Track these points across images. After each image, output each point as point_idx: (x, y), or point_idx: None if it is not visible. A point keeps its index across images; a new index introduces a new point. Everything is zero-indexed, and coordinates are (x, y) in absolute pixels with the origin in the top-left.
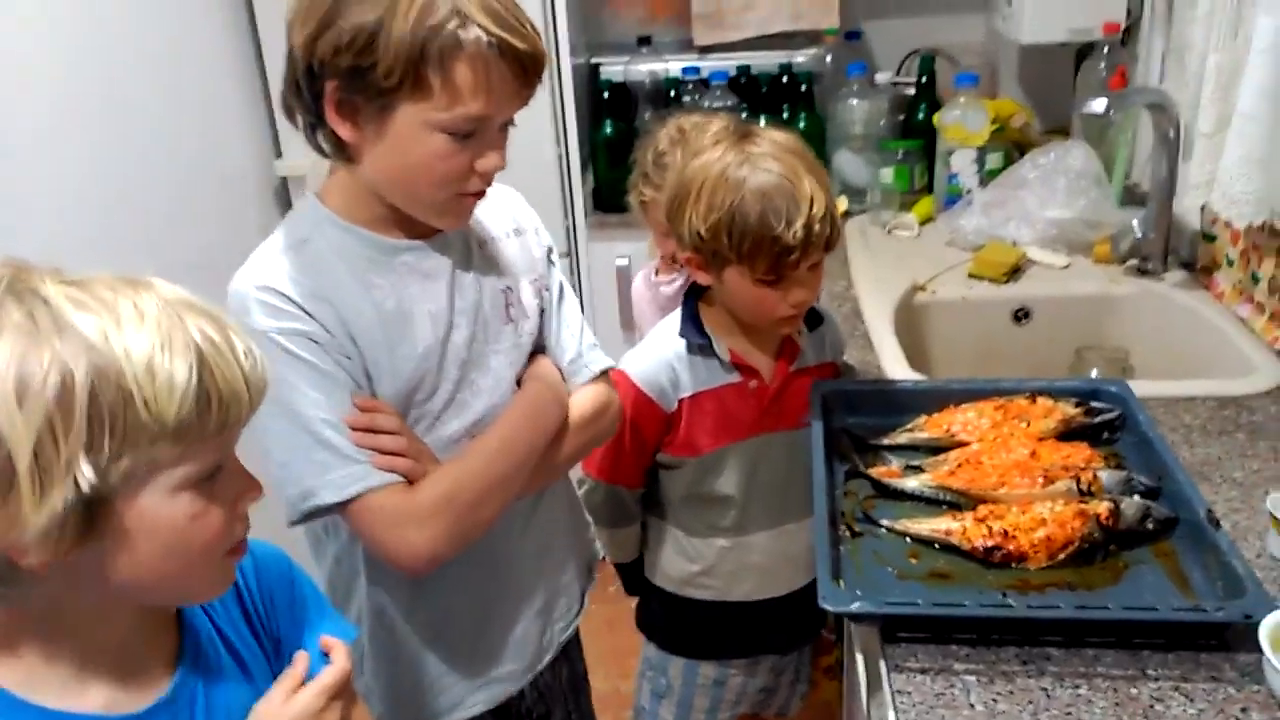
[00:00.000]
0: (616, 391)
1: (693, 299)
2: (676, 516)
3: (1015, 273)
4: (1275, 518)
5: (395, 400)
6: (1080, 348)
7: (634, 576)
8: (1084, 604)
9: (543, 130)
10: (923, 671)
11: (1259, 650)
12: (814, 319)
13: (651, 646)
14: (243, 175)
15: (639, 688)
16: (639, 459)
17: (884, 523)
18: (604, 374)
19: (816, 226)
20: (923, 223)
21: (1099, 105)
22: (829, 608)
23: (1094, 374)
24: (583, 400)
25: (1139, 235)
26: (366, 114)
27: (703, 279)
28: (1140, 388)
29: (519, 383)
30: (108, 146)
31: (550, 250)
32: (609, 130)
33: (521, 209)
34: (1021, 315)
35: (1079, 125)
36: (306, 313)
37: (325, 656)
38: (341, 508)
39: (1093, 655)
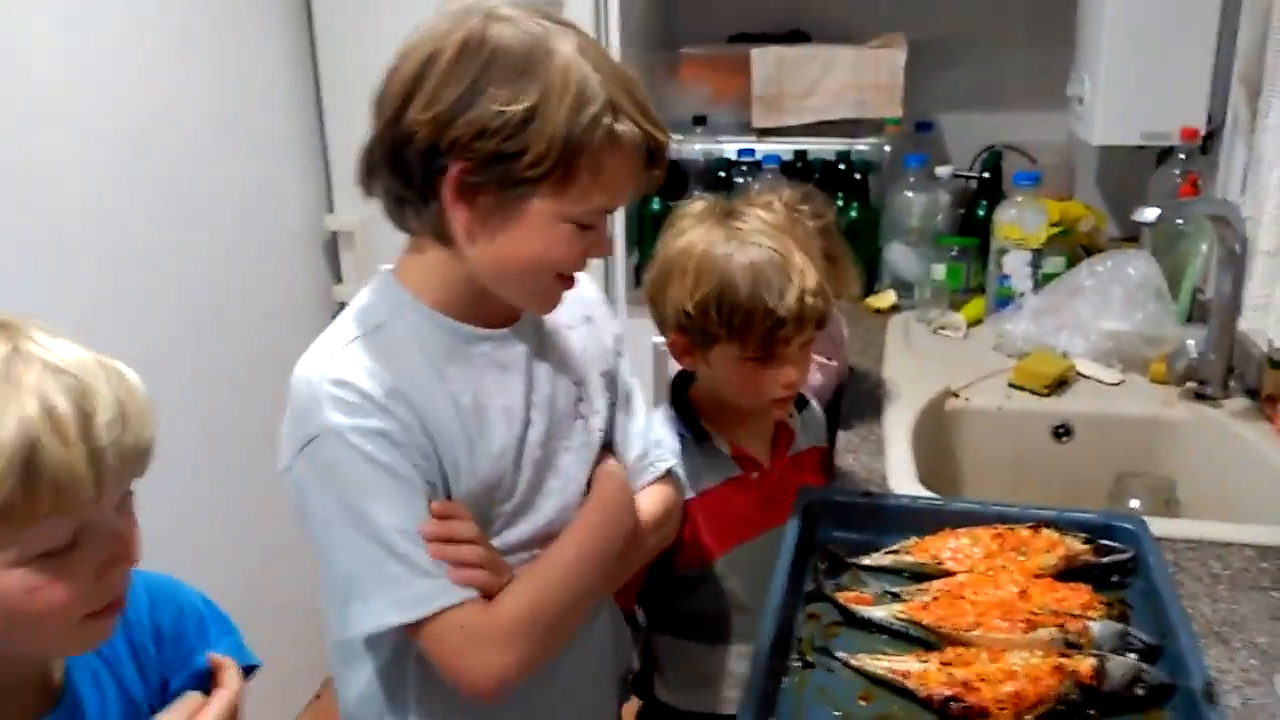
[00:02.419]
0: (680, 491)
1: (681, 391)
2: (681, 626)
3: (1060, 386)
4: None
5: (470, 505)
6: (1122, 473)
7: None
8: None
9: None
10: None
11: None
12: (799, 401)
13: None
14: (291, 225)
15: None
16: (637, 577)
17: (839, 655)
18: (669, 472)
19: (809, 300)
20: (971, 324)
21: (1150, 214)
22: None
23: (1134, 504)
24: (650, 502)
25: (1194, 355)
26: (491, 200)
27: (687, 363)
28: (1170, 526)
29: (588, 484)
30: (152, 180)
31: (619, 339)
32: (656, 207)
33: (591, 293)
34: (1062, 432)
35: (1149, 235)
36: (386, 410)
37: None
38: (412, 626)
39: None
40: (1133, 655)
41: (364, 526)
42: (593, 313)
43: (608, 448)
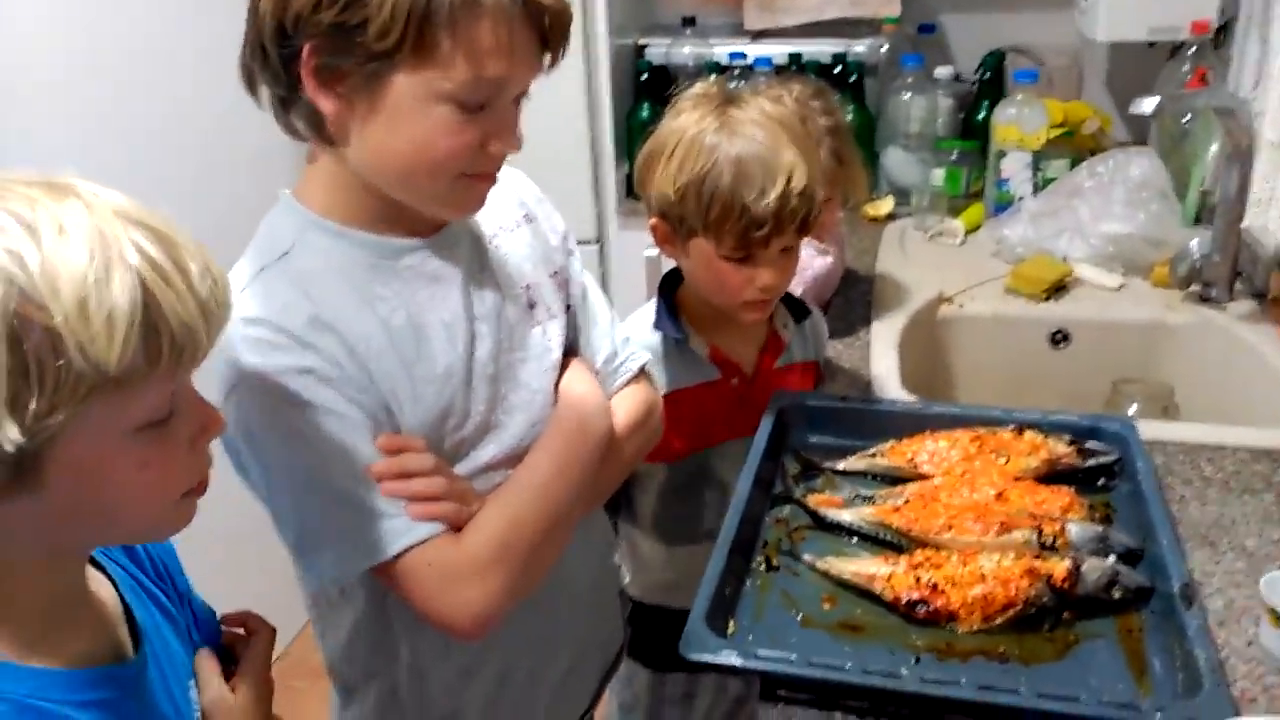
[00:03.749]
0: (656, 388)
1: (669, 289)
2: (649, 524)
3: (1059, 291)
4: (1269, 607)
5: (423, 433)
6: (1119, 380)
7: None
8: (1002, 682)
9: (574, 110)
10: None
11: None
12: (800, 311)
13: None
14: (268, 147)
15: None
16: None
17: (805, 558)
18: (642, 371)
19: (793, 202)
20: (970, 230)
21: (1149, 104)
22: (688, 655)
23: (1132, 411)
24: (628, 404)
25: (1198, 256)
26: (353, 83)
27: (668, 251)
28: (1162, 429)
29: (555, 393)
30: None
31: (567, 235)
32: (645, 114)
33: (529, 191)
34: (1060, 339)
35: (1155, 134)
36: (308, 344)
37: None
38: (379, 570)
39: None
40: (1111, 558)
41: (304, 476)
42: (533, 210)
43: (572, 353)
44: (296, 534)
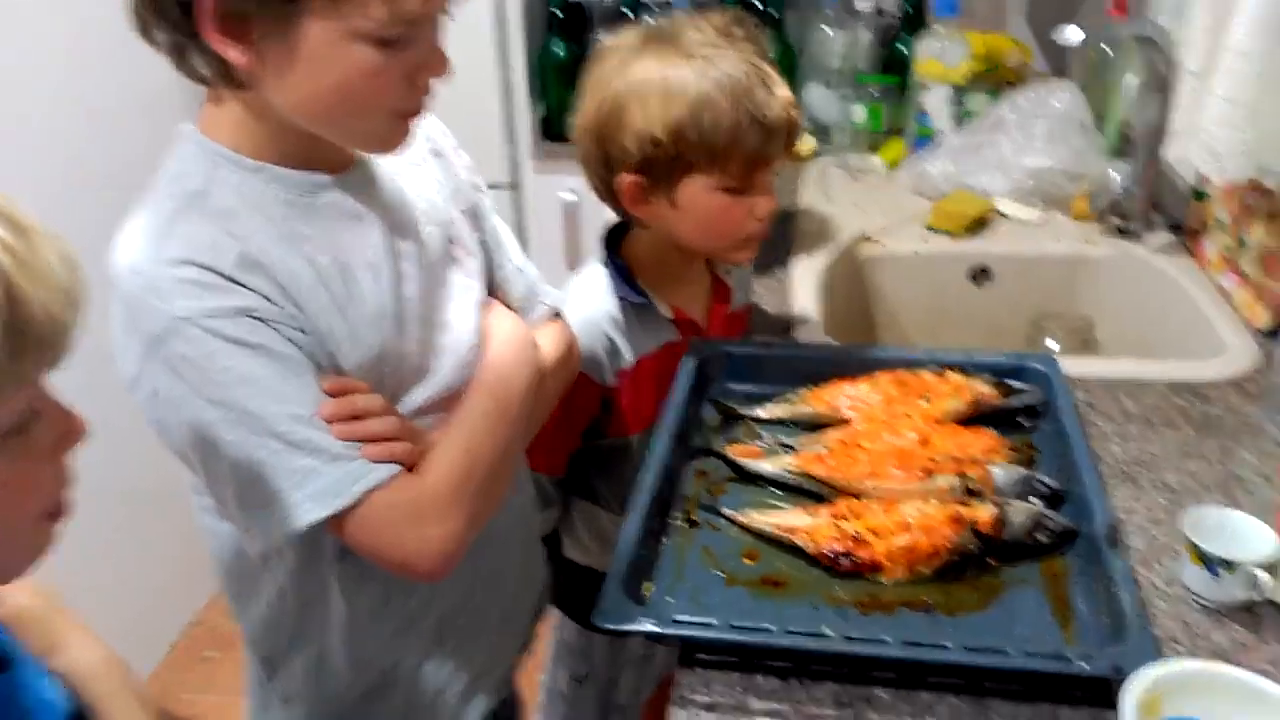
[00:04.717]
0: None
1: (616, 249)
2: (609, 498)
3: (979, 227)
4: (1191, 543)
5: (362, 376)
6: (1039, 315)
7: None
8: (928, 636)
9: (484, 50)
10: (710, 709)
11: None
12: None
13: (570, 628)
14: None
15: (552, 675)
16: (566, 443)
17: (726, 512)
18: (556, 310)
19: (792, 111)
20: (892, 167)
21: (1072, 35)
22: (603, 625)
23: (1053, 346)
24: (549, 342)
25: (1118, 189)
26: (263, 30)
27: (642, 211)
28: (1082, 365)
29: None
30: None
31: (473, 169)
32: (560, 52)
33: (434, 125)
34: (980, 275)
35: (1076, 66)
36: (241, 284)
37: None
38: (336, 519)
39: (927, 701)
40: (1036, 501)
41: (251, 423)
42: (440, 144)
43: (489, 293)
44: (239, 490)
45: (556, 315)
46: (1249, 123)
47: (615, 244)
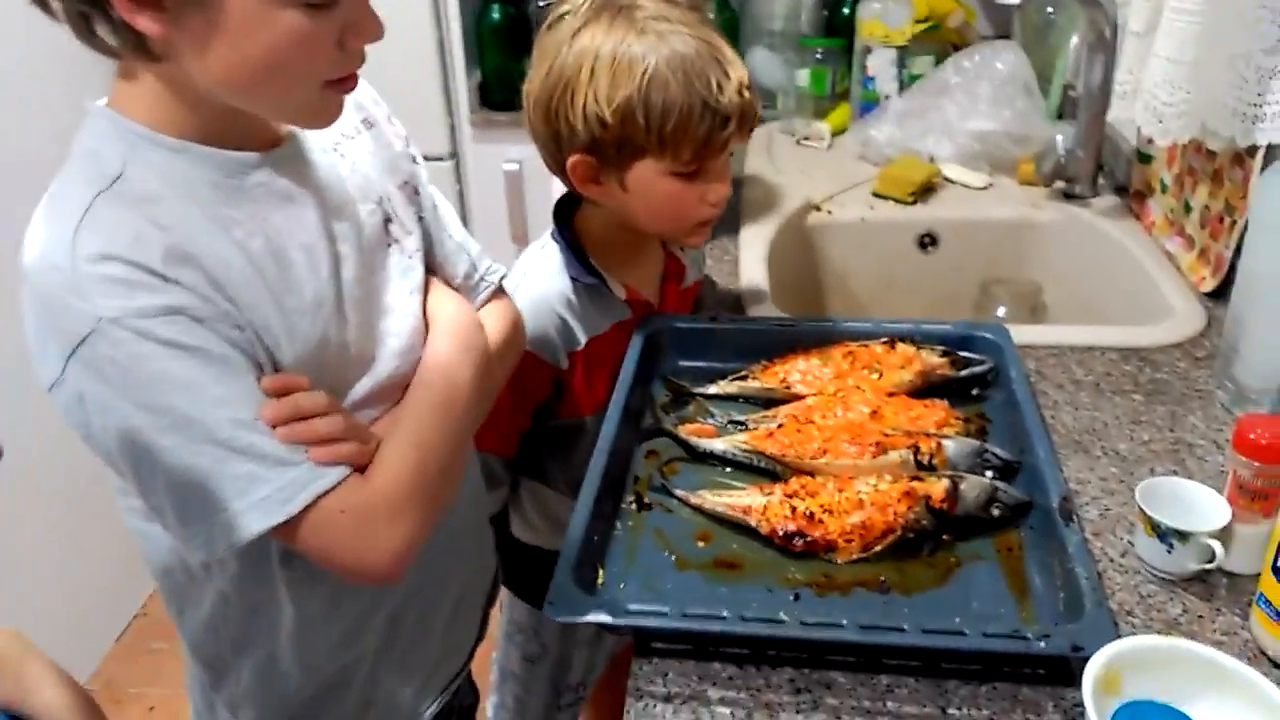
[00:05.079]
0: (514, 302)
1: (568, 223)
2: (560, 479)
3: (926, 193)
4: (1145, 515)
5: (301, 371)
6: (987, 280)
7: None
8: (885, 617)
9: (420, 15)
10: (666, 699)
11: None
12: None
13: (520, 607)
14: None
15: (504, 654)
16: (517, 423)
17: (678, 493)
18: (500, 285)
19: (747, 93)
20: (837, 133)
21: None
22: (555, 617)
23: (1001, 312)
24: (494, 323)
25: (1063, 152)
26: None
27: (593, 191)
28: (1032, 333)
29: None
30: None
31: (407, 140)
32: (497, 16)
33: (364, 93)
34: (928, 242)
35: (1019, 27)
36: (171, 280)
37: None
38: (284, 526)
39: (886, 685)
40: (989, 474)
41: (189, 429)
42: (372, 114)
43: (429, 271)
44: (178, 500)
45: (500, 292)
46: (1190, 83)
47: (567, 217)
